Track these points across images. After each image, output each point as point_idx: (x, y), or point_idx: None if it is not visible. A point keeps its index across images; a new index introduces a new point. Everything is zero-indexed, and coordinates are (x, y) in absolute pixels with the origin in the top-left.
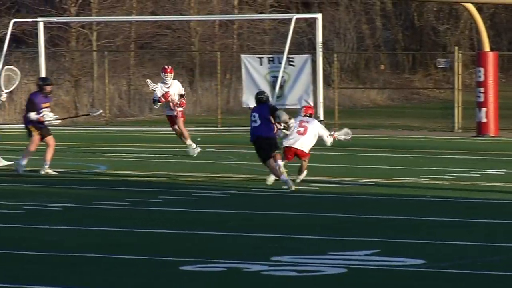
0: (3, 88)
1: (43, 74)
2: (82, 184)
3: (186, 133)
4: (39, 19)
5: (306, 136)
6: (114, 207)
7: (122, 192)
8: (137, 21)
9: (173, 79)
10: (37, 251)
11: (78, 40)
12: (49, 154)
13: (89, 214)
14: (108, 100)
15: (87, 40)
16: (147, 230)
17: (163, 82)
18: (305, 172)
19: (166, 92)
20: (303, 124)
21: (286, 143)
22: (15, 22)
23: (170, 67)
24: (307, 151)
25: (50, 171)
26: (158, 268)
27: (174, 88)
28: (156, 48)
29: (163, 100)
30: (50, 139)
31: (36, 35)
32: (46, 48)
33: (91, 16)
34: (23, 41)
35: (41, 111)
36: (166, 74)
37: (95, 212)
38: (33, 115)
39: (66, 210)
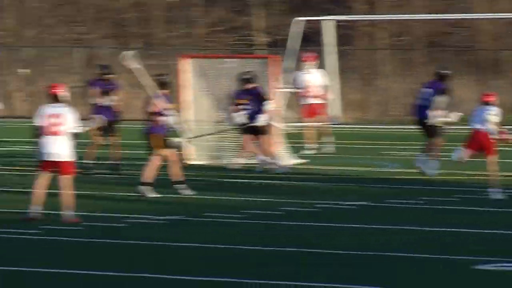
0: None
1: (326, 72)
2: (375, 183)
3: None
4: (326, 17)
5: None
6: (406, 206)
7: (414, 191)
8: (425, 19)
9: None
10: (328, 249)
11: (365, 39)
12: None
13: (382, 212)
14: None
15: (375, 38)
16: (435, 229)
17: (304, 71)
18: None
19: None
20: None
21: None
22: (302, 21)
23: (310, 55)
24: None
25: None
26: (449, 267)
27: (315, 77)
28: (444, 46)
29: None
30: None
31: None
32: (332, 46)
33: (378, 14)
34: (310, 40)
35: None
36: (307, 63)
37: (388, 210)
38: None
39: (361, 208)
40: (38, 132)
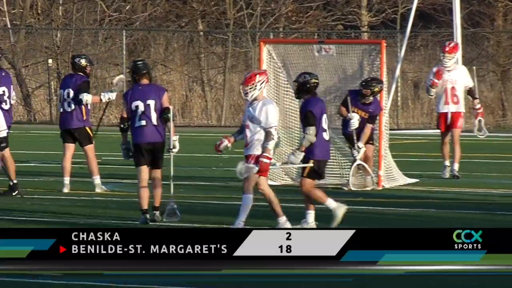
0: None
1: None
2: (502, 209)
3: None
4: None
5: None
6: None
7: None
8: None
9: None
10: None
11: (506, 18)
12: None
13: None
14: None
15: None
16: None
17: (442, 64)
18: None
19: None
20: None
21: None
22: None
23: (453, 44)
24: None
25: None
26: None
27: (458, 75)
28: None
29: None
30: None
31: (450, 12)
32: (463, 28)
33: None
34: (433, 19)
35: None
36: (444, 54)
37: None
38: None
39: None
40: None
